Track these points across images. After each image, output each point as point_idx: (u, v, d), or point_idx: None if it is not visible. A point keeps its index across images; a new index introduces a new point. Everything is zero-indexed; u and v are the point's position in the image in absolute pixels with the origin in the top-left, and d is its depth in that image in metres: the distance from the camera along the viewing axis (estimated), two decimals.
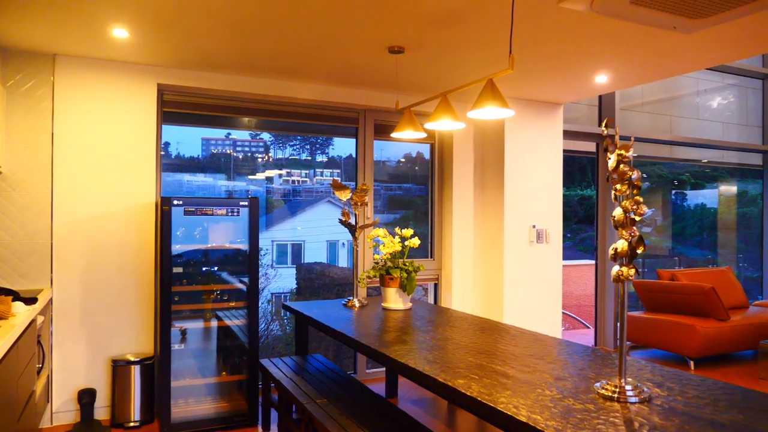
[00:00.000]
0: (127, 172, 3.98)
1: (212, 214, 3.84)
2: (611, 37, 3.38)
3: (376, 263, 3.85)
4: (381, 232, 3.81)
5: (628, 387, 1.94)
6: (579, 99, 5.32)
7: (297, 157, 5.49)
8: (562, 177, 5.33)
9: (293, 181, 5.47)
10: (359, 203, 3.99)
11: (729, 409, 1.82)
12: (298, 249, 5.76)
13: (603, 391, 1.96)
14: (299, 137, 5.33)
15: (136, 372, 3.84)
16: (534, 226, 5.12)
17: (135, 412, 3.84)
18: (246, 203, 3.91)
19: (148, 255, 4.04)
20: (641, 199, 1.95)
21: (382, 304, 3.87)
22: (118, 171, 3.96)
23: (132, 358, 3.86)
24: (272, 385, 3.75)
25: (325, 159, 5.51)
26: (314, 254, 5.79)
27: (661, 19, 2.93)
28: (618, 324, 5.81)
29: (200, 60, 3.90)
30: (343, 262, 5.71)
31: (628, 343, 5.89)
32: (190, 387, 3.91)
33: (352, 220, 4.06)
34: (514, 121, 5.02)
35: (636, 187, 1.96)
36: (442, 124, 3.05)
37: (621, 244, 1.96)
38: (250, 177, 5.15)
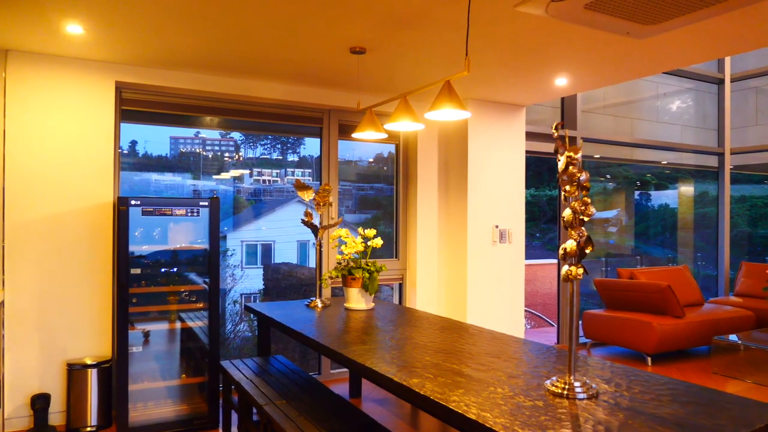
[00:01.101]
0: (83, 171, 3.89)
1: (171, 215, 3.79)
2: (569, 41, 3.45)
3: (339, 263, 3.85)
4: (343, 232, 3.82)
5: (577, 384, 1.98)
6: (541, 101, 5.41)
7: (268, 157, 5.45)
8: (532, 178, 5.42)
9: (264, 181, 5.43)
10: (322, 203, 3.98)
11: (671, 404, 1.88)
12: (267, 249, 5.72)
13: (553, 388, 2.00)
14: (270, 137, 5.29)
15: (93, 376, 3.76)
16: (497, 226, 5.19)
17: (92, 417, 3.76)
18: (206, 203, 3.86)
19: (106, 256, 3.96)
20: (589, 200, 1.99)
21: (345, 304, 3.87)
22: (74, 170, 3.87)
23: (89, 362, 3.77)
24: (233, 387, 3.72)
25: (296, 159, 5.49)
26: (284, 254, 5.75)
27: (615, 25, 3.00)
28: (569, 322, 5.93)
29: (161, 58, 3.84)
30: (312, 262, 5.69)
31: (589, 340, 6.02)
32: (150, 390, 3.85)
33: (316, 221, 4.05)
34: (477, 122, 5.08)
35: (584, 189, 2.01)
36: (402, 125, 3.07)
37: (570, 244, 2.00)
38: (220, 176, 5.10)
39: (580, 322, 6.14)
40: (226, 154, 5.18)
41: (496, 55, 3.73)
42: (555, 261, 6.85)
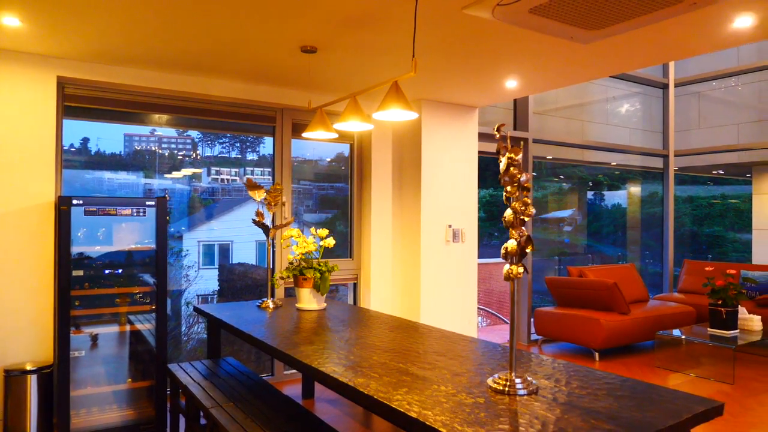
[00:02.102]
0: (21, 169, 3.73)
1: (116, 215, 3.68)
2: (518, 44, 3.52)
3: (291, 264, 3.83)
4: (295, 232, 3.79)
5: (517, 380, 2.03)
6: (493, 103, 5.50)
7: (226, 155, 5.37)
8: (490, 179, 5.49)
9: (222, 180, 5.35)
10: (273, 203, 3.95)
11: (606, 398, 1.94)
12: (225, 249, 5.63)
13: (494, 385, 2.04)
14: (228, 135, 5.21)
15: (32, 382, 3.61)
16: (450, 226, 5.24)
17: (31, 425, 3.61)
18: (153, 203, 3.77)
19: (47, 258, 3.81)
20: (530, 201, 2.04)
21: (296, 304, 3.85)
22: (11, 168, 3.71)
23: (29, 368, 3.62)
24: (180, 390, 3.64)
25: (255, 158, 5.42)
26: (242, 255, 5.67)
27: (559, 29, 3.08)
28: (511, 320, 6.05)
29: (106, 53, 3.72)
30: None
31: (540, 337, 6.15)
32: (95, 395, 3.73)
33: (268, 221, 4.01)
34: (430, 122, 5.13)
35: (525, 189, 2.05)
36: (351, 125, 3.07)
37: (511, 244, 2.04)
38: (176, 175, 4.99)
39: (532, 319, 6.27)
40: (183, 153, 5.08)
41: (445, 57, 3.77)
42: None
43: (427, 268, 5.10)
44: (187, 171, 5.06)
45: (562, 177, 9.81)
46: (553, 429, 1.64)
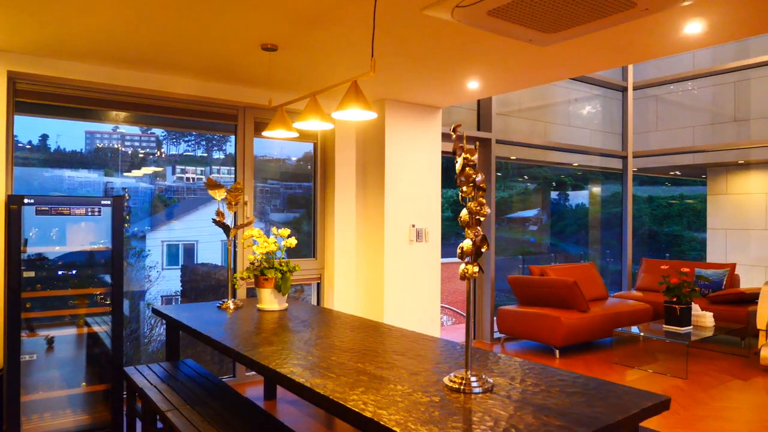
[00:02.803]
0: None
1: (69, 214, 3.58)
2: (479, 46, 3.55)
3: (252, 264, 3.79)
4: (255, 232, 3.75)
5: (473, 378, 2.05)
6: (456, 103, 5.55)
7: (192, 154, 5.28)
8: (453, 179, 5.52)
9: (188, 179, 5.25)
10: (234, 203, 3.90)
11: (559, 394, 1.98)
12: (190, 249, 5.54)
13: (450, 384, 2.05)
14: (194, 133, 5.12)
15: None
16: (414, 226, 5.27)
17: None
18: (108, 202, 3.68)
19: None
20: (485, 201, 2.06)
21: (257, 305, 3.81)
22: None
23: None
24: (137, 394, 3.57)
25: (222, 156, 5.35)
26: (208, 255, 5.59)
27: (518, 32, 3.13)
28: (467, 318, 6.12)
29: (61, 48, 3.61)
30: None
31: (503, 335, 6.23)
32: (48, 400, 3.62)
33: (230, 220, 3.95)
34: (394, 122, 5.14)
35: (481, 189, 2.08)
36: (311, 125, 3.06)
37: (467, 243, 2.06)
38: (140, 173, 4.88)
39: (495, 318, 6.35)
40: (147, 151, 4.98)
41: (406, 57, 3.78)
42: None
43: (390, 268, 5.11)
44: (151, 169, 4.96)
45: (526, 177, 9.97)
46: (504, 426, 1.67)
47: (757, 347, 5.41)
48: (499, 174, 9.20)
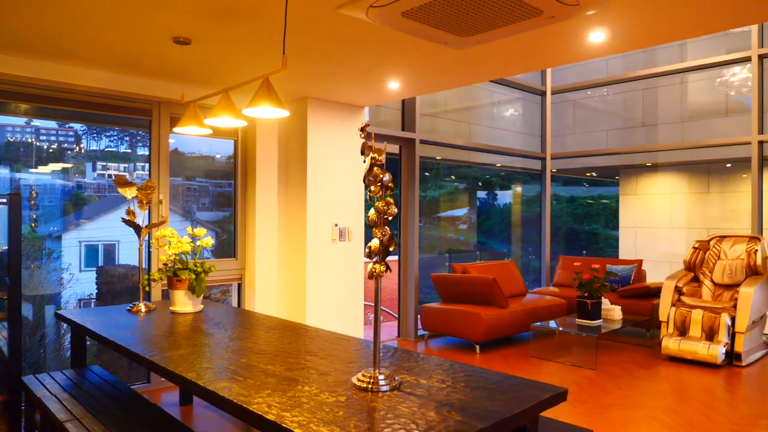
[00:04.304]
0: None
1: None
2: (397, 46, 3.58)
3: (165, 265, 3.65)
4: (168, 231, 3.62)
5: (381, 377, 2.06)
6: (378, 103, 5.58)
7: (114, 150, 5.02)
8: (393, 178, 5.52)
9: (110, 176, 4.99)
10: (145, 201, 3.74)
11: (464, 390, 2.02)
12: (111, 250, 5.27)
13: (358, 383, 2.06)
14: (117, 128, 4.87)
15: None
16: (337, 225, 5.25)
17: None
18: (4, 200, 3.43)
19: None
20: (392, 201, 2.08)
21: (171, 307, 3.68)
22: None
23: None
24: (36, 405, 3.35)
25: (147, 152, 5.11)
26: (131, 255, 5.33)
27: (433, 34, 3.18)
28: (375, 317, 6.19)
29: None
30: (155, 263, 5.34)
31: (426, 332, 6.33)
32: None
33: (142, 220, 3.79)
34: (317, 121, 5.10)
35: (389, 189, 2.09)
36: (223, 121, 2.98)
37: (374, 243, 2.07)
38: (52, 169, 4.58)
39: (419, 315, 6.44)
40: (66, 146, 4.68)
41: (325, 55, 3.76)
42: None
43: (313, 268, 5.08)
44: (60, 165, 4.69)
45: (453, 177, 10.19)
46: (404, 422, 1.69)
47: (659, 338, 5.77)
48: (427, 174, 9.36)
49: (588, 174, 11.17)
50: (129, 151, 5.07)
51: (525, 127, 9.06)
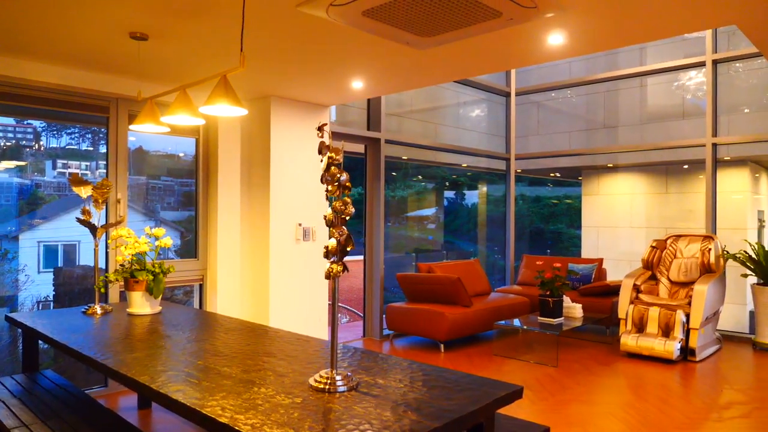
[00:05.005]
0: None
1: None
2: (359, 46, 3.57)
3: (122, 266, 3.56)
4: (125, 231, 3.53)
5: (338, 377, 2.05)
6: (342, 102, 5.56)
7: (76, 147, 4.87)
8: (358, 178, 5.50)
9: (70, 174, 4.84)
10: (100, 200, 3.64)
11: (421, 389, 2.03)
12: (72, 250, 5.11)
13: (315, 384, 2.04)
14: (78, 126, 4.73)
15: None
16: (300, 225, 5.22)
17: None
18: None
19: None
20: (350, 200, 2.07)
21: (127, 309, 3.59)
22: None
23: None
24: None
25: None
26: (92, 256, 5.20)
27: (394, 34, 3.18)
28: (333, 317, 6.20)
29: None
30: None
31: (391, 332, 6.34)
32: None
33: (96, 219, 3.69)
34: (280, 120, 5.06)
35: (346, 188, 2.08)
36: (180, 119, 2.92)
37: (331, 243, 2.06)
38: (11, 167, 4.42)
39: (384, 315, 6.45)
40: (24, 143, 4.53)
41: (286, 53, 3.73)
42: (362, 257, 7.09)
43: (276, 268, 5.03)
44: (13, 163, 4.53)
45: (420, 177, 10.24)
46: (357, 422, 1.68)
47: (618, 335, 5.91)
48: (395, 174, 9.39)
49: (552, 174, 11.37)
50: (91, 148, 4.96)
51: (490, 127, 9.16)
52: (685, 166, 8.57)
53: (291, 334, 2.97)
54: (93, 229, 3.65)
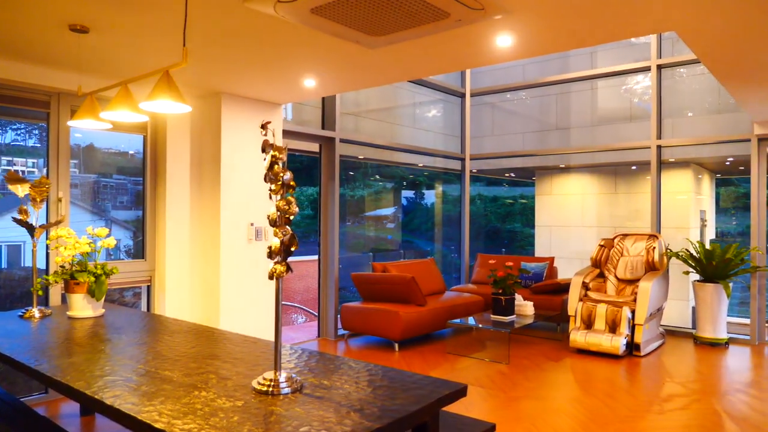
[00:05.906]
0: None
1: None
2: (310, 44, 3.54)
3: (62, 267, 3.43)
4: (64, 232, 3.40)
5: (282, 379, 2.02)
6: (295, 100, 5.51)
7: (22, 144, 4.64)
8: (316, 177, 5.43)
9: (16, 171, 4.61)
10: (39, 199, 3.50)
11: (366, 389, 2.02)
12: (16, 251, 4.90)
13: (258, 387, 2.00)
14: (24, 122, 4.51)
15: None
16: (252, 224, 5.14)
17: None
18: None
19: None
20: (293, 200, 2.04)
21: (68, 312, 3.46)
22: None
23: None
24: None
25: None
26: (39, 257, 4.97)
27: (344, 32, 3.16)
28: (275, 317, 6.16)
29: None
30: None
31: (346, 332, 6.31)
32: None
33: (36, 219, 3.54)
34: (231, 117, 4.97)
35: (290, 187, 2.05)
36: (120, 115, 2.83)
37: (275, 243, 2.03)
38: None
39: (338, 315, 6.42)
40: None
41: (232, 49, 3.66)
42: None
43: (227, 268, 4.93)
44: None
45: (378, 177, 10.25)
46: (298, 424, 1.66)
47: (568, 331, 6.05)
48: (353, 173, 9.36)
49: (507, 175, 11.57)
50: (38, 145, 4.75)
51: (446, 128, 9.24)
52: (633, 168, 8.86)
53: (239, 336, 2.91)
54: (31, 229, 3.50)
